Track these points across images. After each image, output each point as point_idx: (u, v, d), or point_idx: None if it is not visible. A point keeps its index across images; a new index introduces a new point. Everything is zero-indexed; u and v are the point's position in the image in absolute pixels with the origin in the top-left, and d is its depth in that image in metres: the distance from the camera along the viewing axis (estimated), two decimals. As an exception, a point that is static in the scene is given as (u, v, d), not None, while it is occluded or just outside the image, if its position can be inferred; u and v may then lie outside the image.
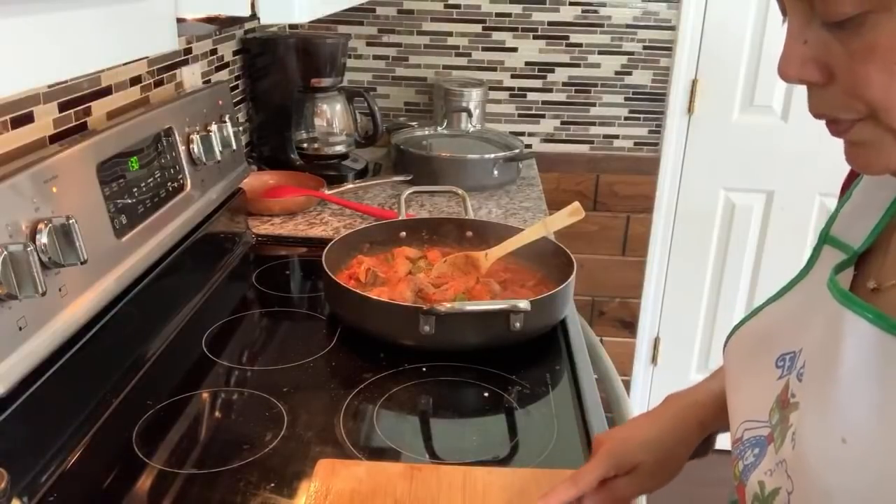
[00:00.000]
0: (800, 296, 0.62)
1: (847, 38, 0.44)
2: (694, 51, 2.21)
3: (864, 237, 0.57)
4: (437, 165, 1.86)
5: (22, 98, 0.96)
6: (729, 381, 0.66)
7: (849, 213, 0.61)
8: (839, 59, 0.45)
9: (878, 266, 0.55)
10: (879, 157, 0.48)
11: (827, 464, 0.49)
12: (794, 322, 0.60)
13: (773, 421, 0.57)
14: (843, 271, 0.56)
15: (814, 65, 0.47)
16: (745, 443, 0.59)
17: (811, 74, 0.47)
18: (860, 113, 0.46)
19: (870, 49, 0.43)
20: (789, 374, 0.57)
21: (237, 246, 1.46)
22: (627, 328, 2.49)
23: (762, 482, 0.56)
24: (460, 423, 1.01)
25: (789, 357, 0.58)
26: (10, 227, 0.76)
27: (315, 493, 0.79)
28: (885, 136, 0.46)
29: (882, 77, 0.44)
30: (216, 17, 0.79)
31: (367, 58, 2.23)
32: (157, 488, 0.83)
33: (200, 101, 1.30)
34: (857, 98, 0.46)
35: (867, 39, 0.43)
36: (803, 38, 0.47)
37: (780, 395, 0.57)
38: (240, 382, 1.04)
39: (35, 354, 0.79)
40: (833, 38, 0.45)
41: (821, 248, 0.62)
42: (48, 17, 0.53)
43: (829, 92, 0.47)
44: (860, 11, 0.43)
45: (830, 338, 0.52)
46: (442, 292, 1.17)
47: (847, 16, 0.43)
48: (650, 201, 2.34)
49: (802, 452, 0.51)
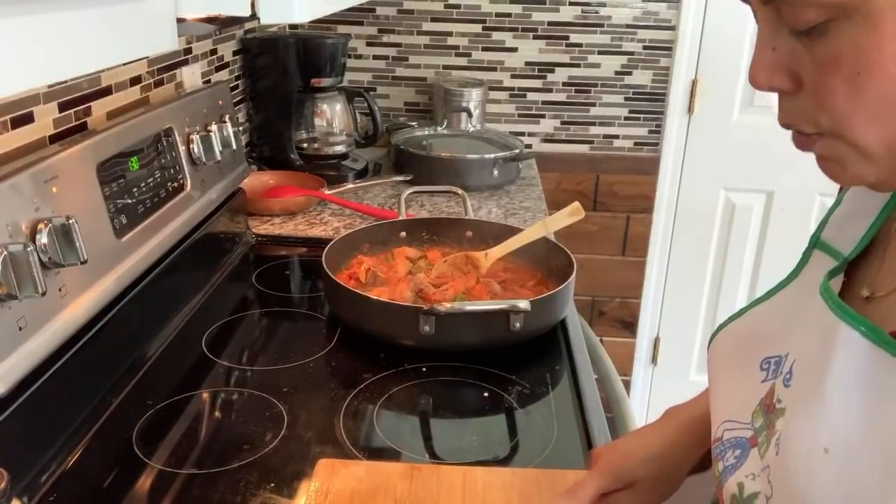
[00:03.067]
0: (788, 299, 0.61)
1: (813, 46, 0.44)
2: (694, 51, 2.21)
3: (854, 244, 0.57)
4: (437, 165, 1.86)
5: (22, 98, 0.96)
6: (711, 380, 0.65)
7: (839, 219, 0.61)
8: (807, 67, 0.45)
9: (872, 274, 0.55)
10: (846, 171, 0.47)
11: (807, 472, 0.48)
12: (781, 325, 0.59)
13: (757, 424, 0.56)
14: (833, 278, 0.55)
15: (783, 72, 0.46)
16: (726, 443, 0.59)
17: (780, 82, 0.47)
18: (821, 128, 0.46)
19: (834, 58, 0.43)
20: (775, 377, 0.57)
21: (237, 246, 1.46)
22: (627, 328, 2.49)
23: (741, 484, 0.55)
24: (460, 423, 1.01)
25: (775, 360, 0.58)
26: (10, 227, 0.76)
27: (315, 493, 0.79)
28: (848, 151, 0.46)
29: (846, 87, 0.43)
30: (216, 17, 0.79)
31: (367, 58, 2.23)
32: (157, 488, 0.83)
33: (200, 101, 1.30)
34: (822, 108, 0.45)
35: (831, 48, 0.43)
36: (772, 46, 0.46)
37: (765, 398, 0.57)
38: (240, 382, 1.04)
39: (35, 354, 0.79)
40: (801, 45, 0.45)
41: (811, 253, 0.61)
42: (48, 17, 0.53)
43: (798, 101, 0.47)
44: (824, 19, 0.42)
45: (822, 347, 0.51)
46: (442, 292, 1.17)
47: (812, 24, 0.43)
48: (650, 201, 2.34)
49: (785, 459, 0.51)
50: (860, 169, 0.46)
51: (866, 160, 0.46)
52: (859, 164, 0.46)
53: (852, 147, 0.45)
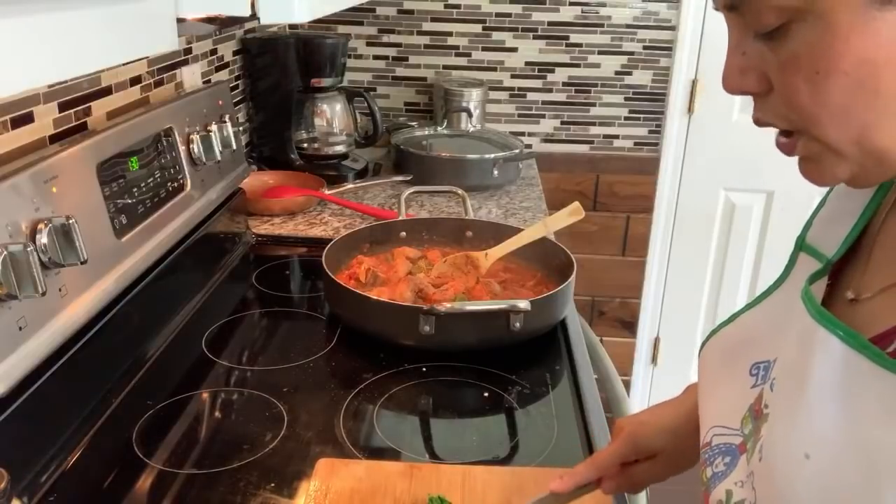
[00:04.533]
0: (776, 304, 0.61)
1: (776, 48, 0.46)
2: (694, 51, 2.21)
3: (838, 245, 0.57)
4: (437, 165, 1.86)
5: (22, 98, 0.96)
6: (702, 385, 0.65)
7: (823, 220, 0.61)
8: (773, 68, 0.47)
9: (858, 276, 0.54)
10: (823, 171, 0.49)
11: (789, 478, 0.48)
12: (770, 330, 0.59)
13: (746, 430, 0.56)
14: (816, 281, 0.55)
15: (752, 74, 0.48)
16: (714, 448, 0.59)
17: (750, 84, 0.48)
18: (794, 124, 0.48)
19: (794, 58, 0.45)
20: (763, 383, 0.57)
21: (237, 246, 1.46)
22: (627, 328, 2.49)
23: (730, 492, 0.55)
24: (460, 423, 1.01)
25: (763, 366, 0.57)
26: (10, 227, 0.76)
27: (315, 492, 0.79)
28: (823, 150, 0.47)
29: (807, 86, 0.45)
30: (216, 17, 0.79)
31: (367, 58, 2.23)
32: (157, 488, 0.83)
33: (200, 101, 1.30)
34: (790, 107, 0.47)
35: (791, 49, 0.45)
36: (742, 50, 0.48)
37: (754, 404, 0.56)
38: (240, 382, 1.04)
39: (35, 354, 0.79)
40: (767, 48, 0.46)
41: (797, 256, 0.61)
42: (48, 17, 0.53)
43: (770, 101, 0.48)
44: (783, 22, 0.44)
45: (802, 351, 0.51)
46: (442, 292, 1.17)
47: (772, 26, 0.45)
48: (650, 201, 2.34)
49: (768, 465, 0.51)
50: (834, 166, 0.48)
51: (838, 157, 0.47)
52: (832, 161, 0.47)
53: (824, 145, 0.47)
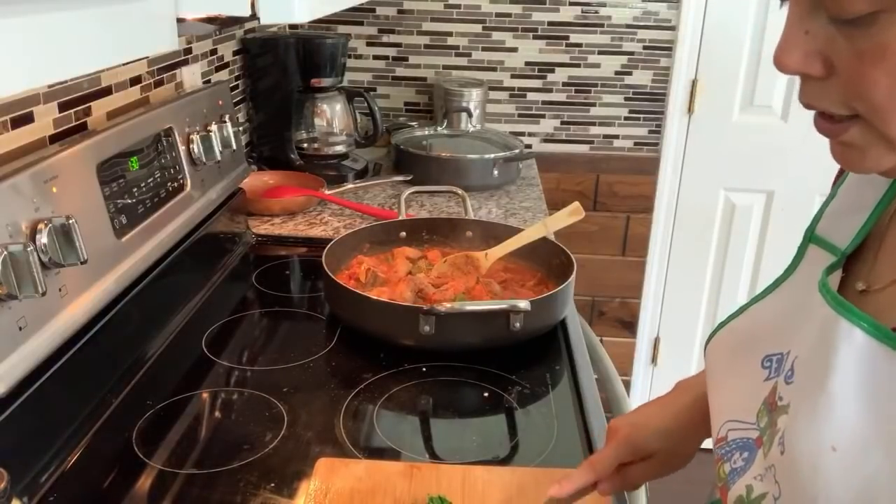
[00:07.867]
0: (786, 296, 0.61)
1: (855, 37, 0.43)
2: (694, 51, 2.21)
3: (851, 237, 0.56)
4: (437, 165, 1.86)
5: (22, 98, 0.96)
6: (711, 380, 0.65)
7: (834, 212, 0.60)
8: (844, 56, 0.44)
9: (868, 268, 0.55)
10: (865, 159, 0.47)
11: (815, 471, 0.48)
12: (781, 322, 0.59)
13: (762, 424, 0.56)
14: (832, 273, 0.55)
15: (816, 57, 0.45)
16: (731, 444, 0.59)
17: (813, 67, 0.46)
18: (854, 112, 0.45)
19: (880, 50, 0.42)
20: (777, 375, 0.56)
21: (237, 246, 1.46)
22: (627, 328, 2.49)
23: (750, 486, 0.55)
24: (460, 423, 1.01)
25: (776, 358, 0.57)
26: (10, 227, 0.76)
27: (315, 492, 0.79)
28: (876, 141, 0.45)
29: (888, 80, 0.42)
30: (216, 17, 0.78)
31: (367, 58, 2.23)
32: (157, 488, 0.83)
33: (200, 101, 1.30)
34: (858, 98, 0.44)
35: (878, 40, 0.42)
36: (804, 29, 0.45)
37: (768, 397, 0.56)
38: (240, 382, 1.04)
39: (35, 354, 0.79)
40: (839, 33, 0.44)
41: (806, 248, 0.61)
42: (48, 17, 0.53)
43: (827, 86, 0.46)
44: (874, 10, 0.41)
45: (823, 344, 0.51)
46: (442, 292, 1.17)
47: (860, 14, 0.42)
48: (650, 201, 2.34)
49: (792, 458, 0.51)
50: (881, 157, 0.46)
51: (889, 149, 0.45)
52: (881, 152, 0.46)
53: (880, 136, 0.45)
